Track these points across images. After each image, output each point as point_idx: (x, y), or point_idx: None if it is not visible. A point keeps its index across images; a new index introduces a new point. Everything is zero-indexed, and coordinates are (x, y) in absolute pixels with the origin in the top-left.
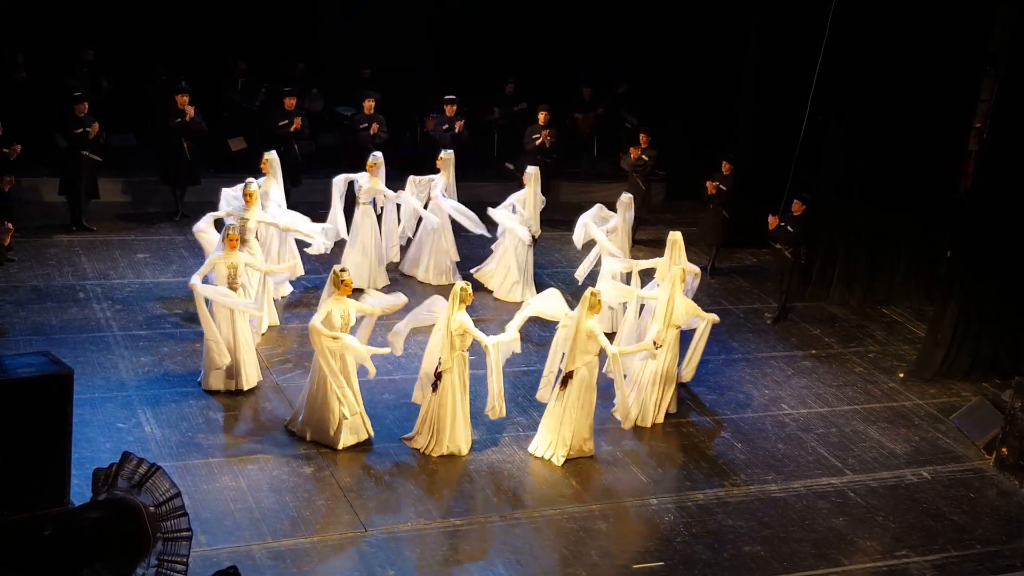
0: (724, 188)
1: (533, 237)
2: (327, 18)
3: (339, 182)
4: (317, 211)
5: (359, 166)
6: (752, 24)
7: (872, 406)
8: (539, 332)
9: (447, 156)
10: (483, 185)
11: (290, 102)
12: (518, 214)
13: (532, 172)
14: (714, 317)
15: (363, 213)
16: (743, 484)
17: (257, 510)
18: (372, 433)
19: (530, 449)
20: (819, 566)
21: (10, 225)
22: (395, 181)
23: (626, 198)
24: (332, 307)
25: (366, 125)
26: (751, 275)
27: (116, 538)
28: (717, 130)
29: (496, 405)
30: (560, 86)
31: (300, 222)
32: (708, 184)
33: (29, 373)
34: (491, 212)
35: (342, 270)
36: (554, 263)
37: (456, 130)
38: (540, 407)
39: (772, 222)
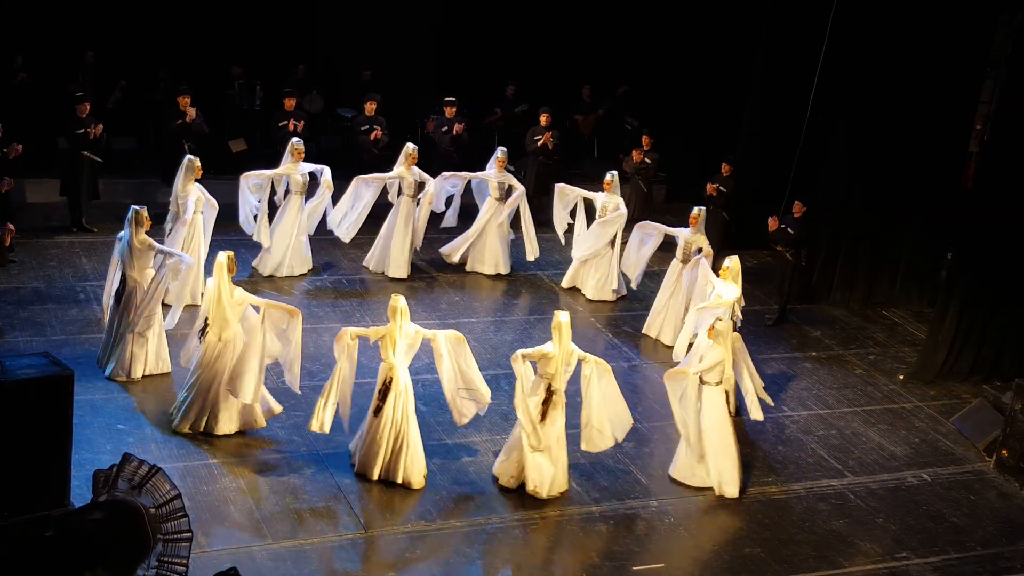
0: (724, 190)
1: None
2: (328, 20)
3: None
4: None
5: (359, 167)
6: (761, 26)
7: (872, 408)
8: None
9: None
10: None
11: (290, 103)
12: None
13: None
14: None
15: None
16: (743, 486)
17: (257, 511)
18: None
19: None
20: (819, 568)
21: (11, 226)
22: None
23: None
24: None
25: (367, 127)
26: (751, 277)
27: (117, 540)
28: (719, 132)
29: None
30: (561, 88)
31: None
32: (708, 186)
33: (29, 374)
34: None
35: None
36: (554, 264)
37: (456, 132)
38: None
39: (772, 224)
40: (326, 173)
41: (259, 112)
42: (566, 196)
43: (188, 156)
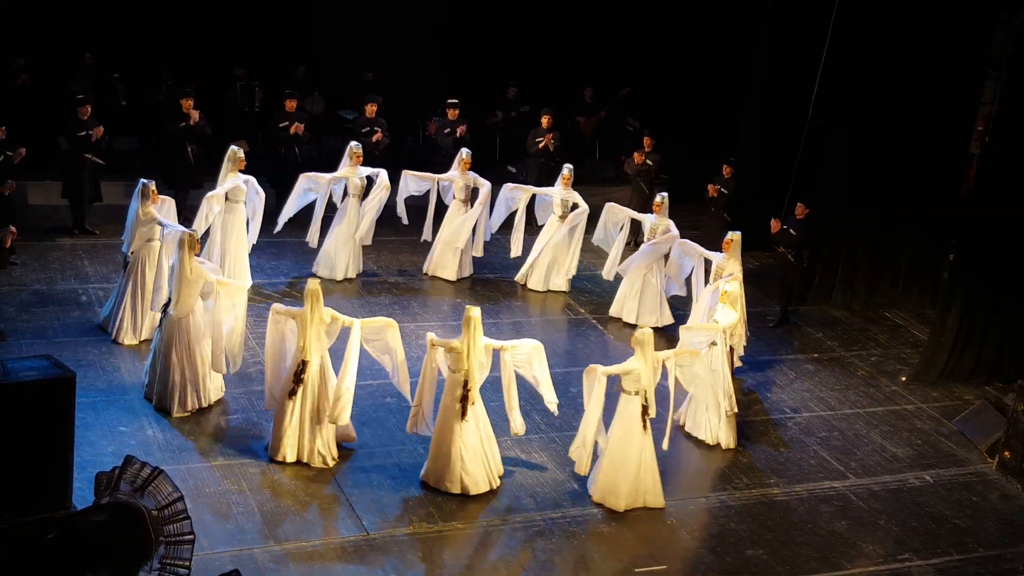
0: (725, 191)
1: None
2: (329, 21)
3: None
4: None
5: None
6: (762, 28)
7: (874, 409)
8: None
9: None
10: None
11: (291, 104)
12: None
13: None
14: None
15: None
16: (745, 488)
17: (259, 513)
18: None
19: None
20: (822, 570)
21: (12, 228)
22: (396, 183)
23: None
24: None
25: (368, 129)
26: (753, 279)
27: (119, 542)
28: (720, 134)
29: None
30: (562, 89)
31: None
32: (709, 187)
33: (31, 376)
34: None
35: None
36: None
37: (458, 134)
38: (542, 412)
39: (775, 225)
40: (382, 176)
41: (260, 113)
42: (615, 216)
43: (232, 147)
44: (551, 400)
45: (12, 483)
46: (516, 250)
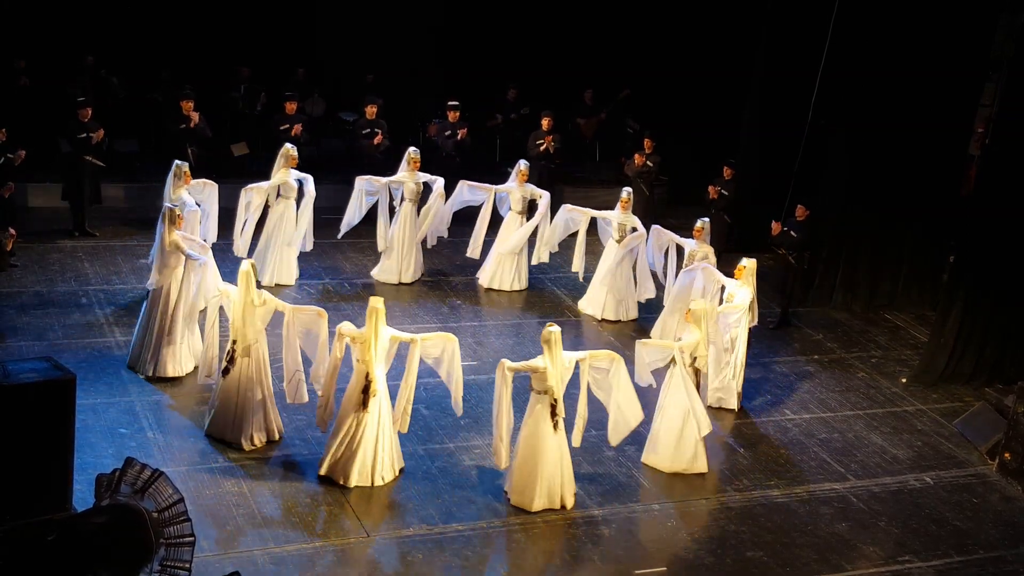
0: (726, 193)
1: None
2: (330, 24)
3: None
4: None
5: (361, 171)
6: (760, 32)
7: (875, 411)
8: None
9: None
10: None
11: (291, 106)
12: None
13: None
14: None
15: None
16: (745, 489)
17: (259, 516)
18: None
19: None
20: (822, 571)
21: (12, 230)
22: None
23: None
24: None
25: (368, 131)
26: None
27: (119, 544)
28: (720, 135)
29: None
30: (562, 91)
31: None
32: (710, 189)
33: (32, 378)
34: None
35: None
36: (555, 267)
37: (459, 137)
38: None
39: (775, 227)
40: (439, 184)
41: (260, 115)
42: (660, 239)
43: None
44: (456, 400)
45: (13, 485)
46: (578, 270)
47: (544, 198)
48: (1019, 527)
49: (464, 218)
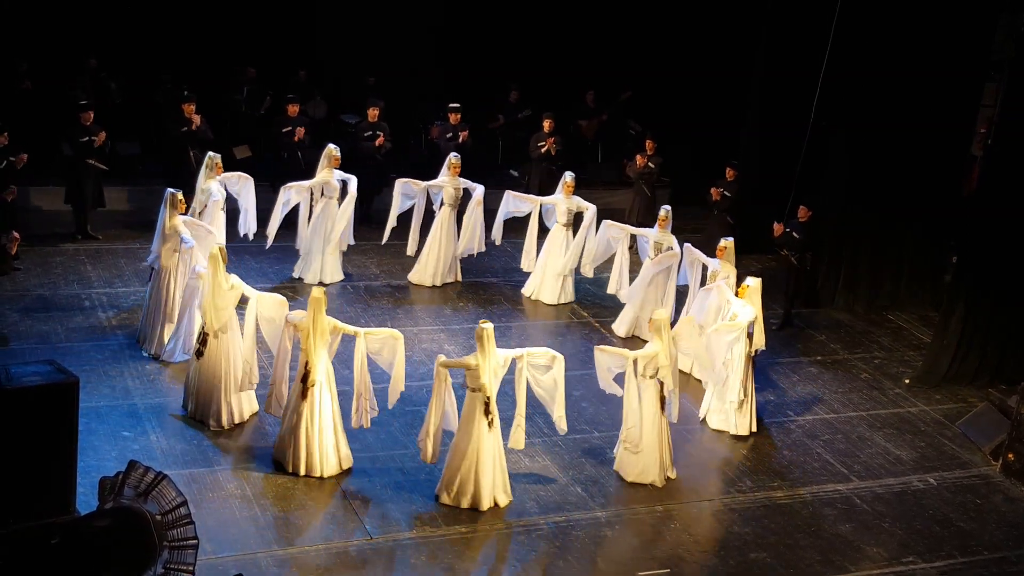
0: (728, 194)
1: None
2: (331, 26)
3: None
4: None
5: (362, 173)
6: (761, 33)
7: (878, 412)
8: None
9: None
10: (486, 192)
11: (293, 109)
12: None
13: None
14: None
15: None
16: (749, 491)
17: (262, 518)
18: None
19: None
20: (825, 573)
21: (16, 234)
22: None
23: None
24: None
25: (370, 133)
26: None
27: (122, 547)
28: (722, 136)
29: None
30: (564, 92)
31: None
32: (712, 190)
33: (35, 382)
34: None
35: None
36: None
37: (460, 139)
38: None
39: (777, 229)
40: (479, 192)
41: (262, 118)
42: (691, 256)
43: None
44: (391, 398)
45: (15, 488)
46: (616, 291)
47: (590, 210)
48: (1023, 528)
49: (508, 226)
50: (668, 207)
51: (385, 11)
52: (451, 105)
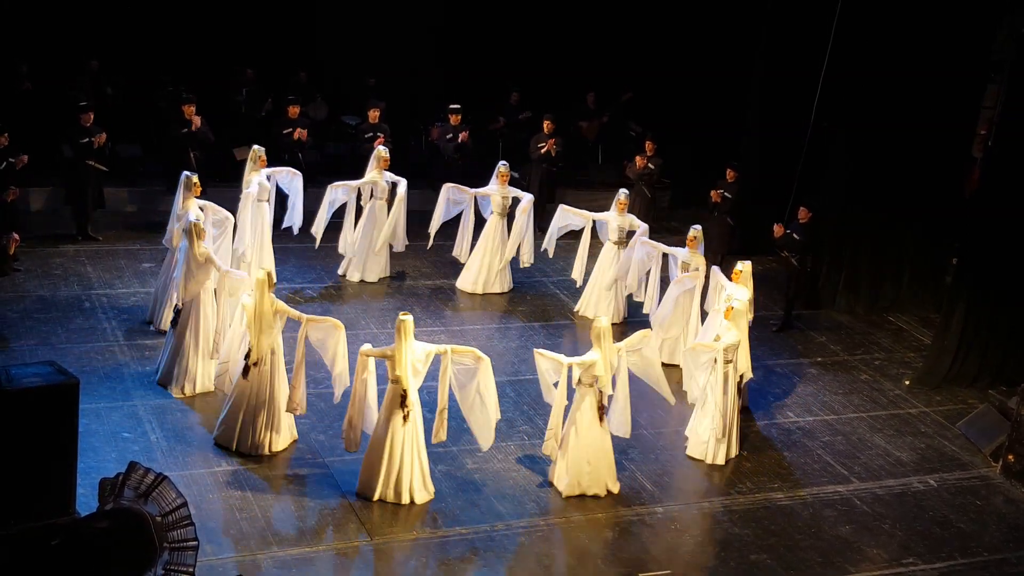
0: (729, 196)
1: None
2: (332, 27)
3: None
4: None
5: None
6: (761, 33)
7: (878, 413)
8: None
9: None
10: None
11: (294, 110)
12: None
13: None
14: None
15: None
16: (749, 492)
17: (263, 519)
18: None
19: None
20: (826, 574)
21: (16, 235)
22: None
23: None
24: None
25: (371, 135)
26: (757, 283)
27: (123, 548)
28: (723, 138)
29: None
30: (564, 94)
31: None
32: (712, 192)
33: (35, 383)
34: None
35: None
36: (559, 271)
37: (460, 140)
38: (544, 415)
39: (778, 230)
40: (525, 199)
41: (263, 119)
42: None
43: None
44: (338, 390)
45: (16, 489)
46: (648, 311)
47: (641, 228)
48: (1023, 529)
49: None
50: (699, 227)
51: (385, 12)
52: (451, 106)
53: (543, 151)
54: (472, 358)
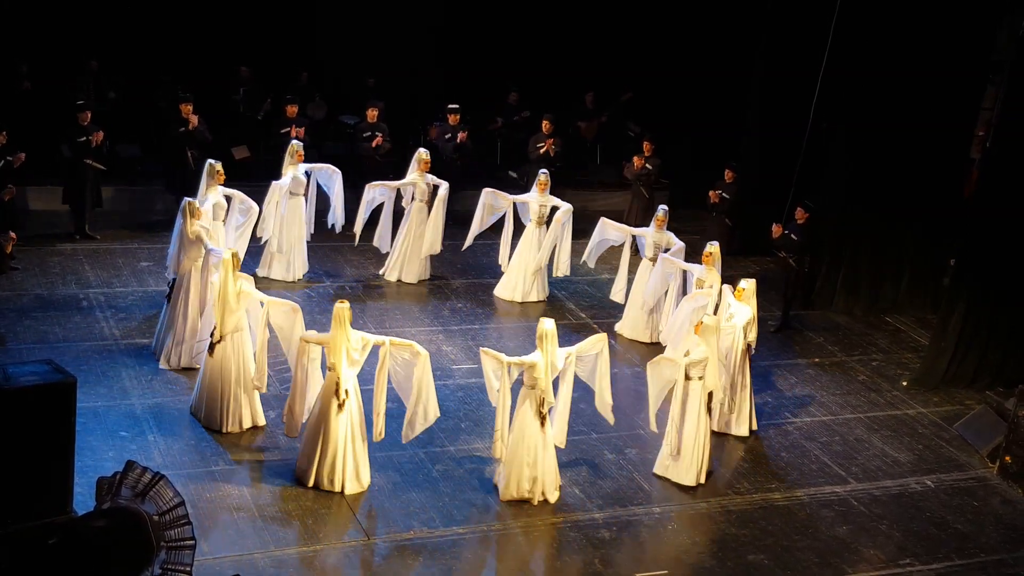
0: (727, 196)
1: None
2: (331, 27)
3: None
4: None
5: (361, 174)
6: (761, 34)
7: (875, 414)
8: None
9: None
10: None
11: (292, 109)
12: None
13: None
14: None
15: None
16: (746, 492)
17: (260, 518)
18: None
19: None
20: (823, 575)
21: (12, 234)
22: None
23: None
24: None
25: (369, 134)
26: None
27: (120, 547)
28: (721, 138)
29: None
30: (563, 94)
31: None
32: (711, 193)
33: (32, 381)
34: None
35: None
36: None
37: (459, 140)
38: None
39: (776, 230)
40: (563, 210)
41: (261, 119)
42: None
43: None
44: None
45: (13, 488)
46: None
47: (676, 246)
48: (1020, 530)
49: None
50: (716, 243)
51: (385, 12)
52: (450, 106)
53: (542, 151)
54: (411, 352)
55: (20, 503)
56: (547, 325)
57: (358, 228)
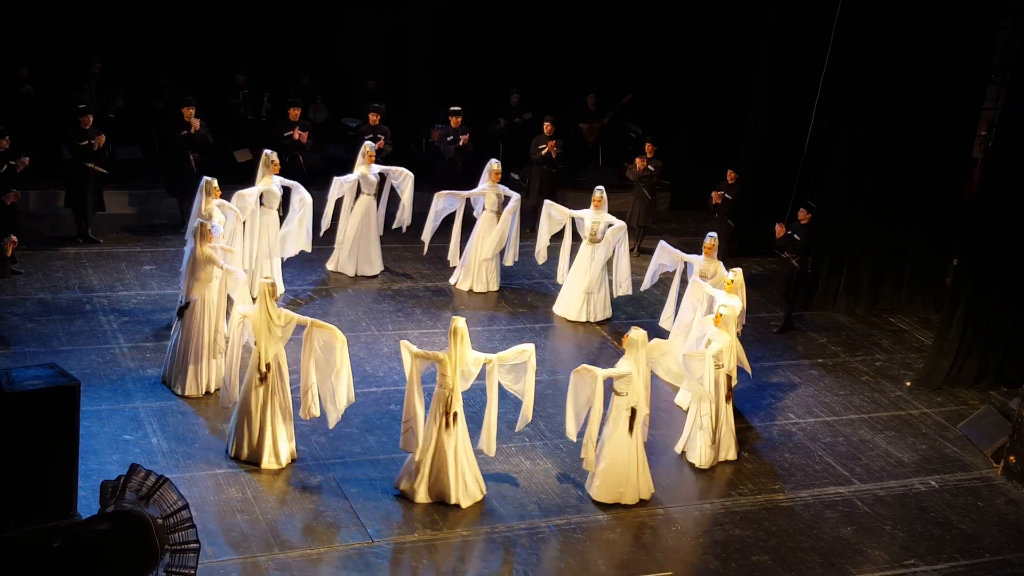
0: (729, 197)
1: None
2: (332, 30)
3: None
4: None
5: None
6: (764, 34)
7: (879, 415)
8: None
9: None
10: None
11: (294, 112)
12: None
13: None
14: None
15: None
16: (750, 493)
17: (264, 521)
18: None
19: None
20: (827, 575)
21: (14, 237)
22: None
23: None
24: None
25: (371, 136)
26: (757, 284)
27: (124, 550)
28: (723, 139)
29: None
30: (565, 96)
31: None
32: (713, 194)
33: (36, 385)
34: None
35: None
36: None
37: (461, 142)
38: (545, 418)
39: (779, 231)
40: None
41: (263, 122)
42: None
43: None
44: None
45: (17, 492)
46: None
47: (720, 273)
48: None
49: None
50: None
51: (385, 13)
52: (452, 108)
53: (543, 153)
54: (330, 335)
55: (24, 507)
56: (459, 323)
57: (426, 237)
